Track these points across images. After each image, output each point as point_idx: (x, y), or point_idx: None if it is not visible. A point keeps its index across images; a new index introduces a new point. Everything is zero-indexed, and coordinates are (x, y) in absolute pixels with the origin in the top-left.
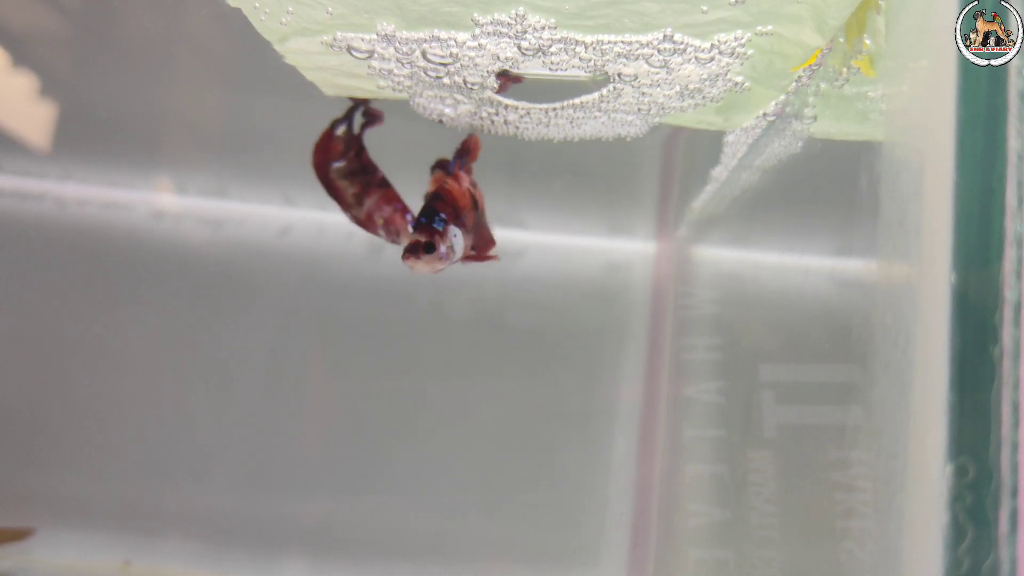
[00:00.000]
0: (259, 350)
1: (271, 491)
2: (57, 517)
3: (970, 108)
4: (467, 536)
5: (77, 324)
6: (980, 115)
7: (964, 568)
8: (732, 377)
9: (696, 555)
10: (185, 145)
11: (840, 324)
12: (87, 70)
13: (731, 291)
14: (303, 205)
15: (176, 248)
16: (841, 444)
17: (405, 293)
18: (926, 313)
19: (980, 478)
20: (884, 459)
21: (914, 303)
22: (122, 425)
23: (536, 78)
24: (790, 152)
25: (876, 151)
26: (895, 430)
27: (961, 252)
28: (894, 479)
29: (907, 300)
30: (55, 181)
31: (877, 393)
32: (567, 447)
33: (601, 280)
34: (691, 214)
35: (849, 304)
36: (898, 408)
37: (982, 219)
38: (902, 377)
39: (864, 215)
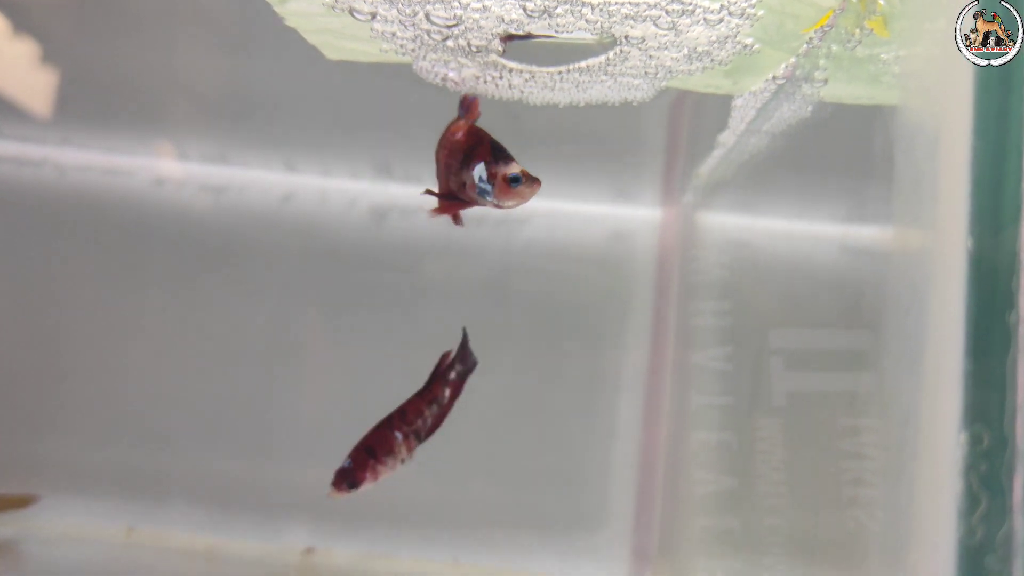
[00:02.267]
0: (261, 316)
1: (274, 457)
2: (61, 484)
3: (987, 69)
4: (470, 503)
5: (78, 290)
6: (997, 76)
7: (978, 537)
8: (740, 343)
9: (702, 523)
10: (186, 110)
11: (852, 290)
12: (88, 36)
13: (739, 257)
14: (305, 171)
15: (177, 214)
16: (851, 412)
17: (408, 260)
18: (941, 279)
19: (995, 446)
20: (896, 427)
21: (929, 269)
22: (125, 392)
23: (541, 41)
24: (799, 116)
25: (890, 114)
26: (908, 398)
27: (978, 217)
28: (906, 447)
29: (921, 266)
30: (55, 147)
31: (889, 361)
32: (571, 414)
33: (606, 247)
34: (697, 180)
35: (861, 270)
36: (911, 375)
37: (999, 183)
38: (915, 344)
39: (877, 180)
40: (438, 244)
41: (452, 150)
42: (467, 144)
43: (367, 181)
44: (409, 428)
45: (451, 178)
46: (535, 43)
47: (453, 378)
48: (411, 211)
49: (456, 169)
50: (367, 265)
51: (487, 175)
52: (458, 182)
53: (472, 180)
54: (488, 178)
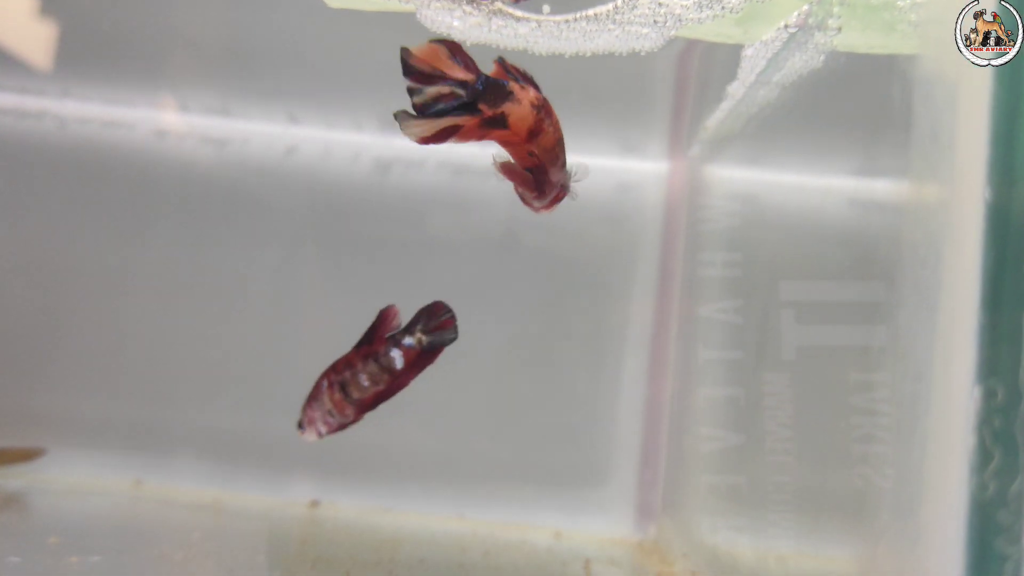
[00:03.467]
0: (265, 270)
1: (279, 411)
2: (67, 437)
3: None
4: (475, 457)
5: (80, 244)
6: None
7: (990, 492)
8: (749, 296)
9: (708, 479)
10: (187, 62)
11: (865, 243)
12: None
13: (748, 209)
14: (308, 123)
15: (179, 167)
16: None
17: (413, 214)
18: (958, 231)
19: (1010, 401)
20: (909, 382)
21: (946, 221)
22: (130, 345)
23: None
24: (812, 67)
25: (906, 64)
26: (921, 352)
27: (996, 168)
28: (919, 402)
29: (938, 218)
30: (55, 99)
31: (904, 314)
32: (576, 368)
33: (612, 200)
34: (705, 132)
35: (875, 222)
36: (926, 329)
37: (1018, 134)
38: (931, 297)
39: (892, 131)
40: (443, 197)
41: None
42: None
43: (371, 134)
44: (336, 377)
45: (552, 168)
46: None
47: (412, 346)
48: (415, 164)
49: (562, 163)
50: (371, 218)
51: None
52: (555, 175)
53: (566, 182)
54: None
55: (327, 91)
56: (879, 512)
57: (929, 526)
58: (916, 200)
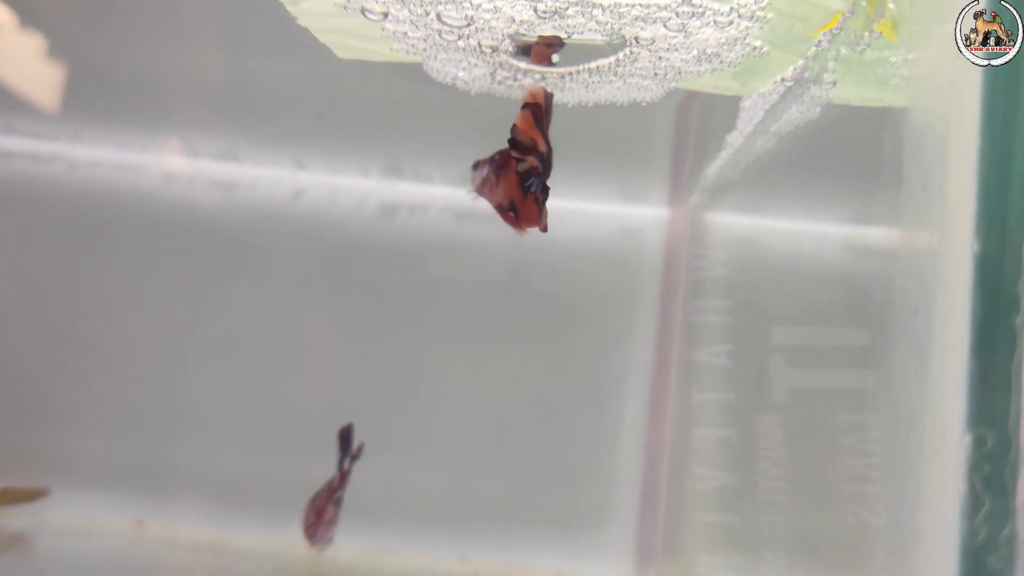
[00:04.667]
0: (271, 313)
1: (282, 453)
2: (71, 477)
3: (995, 73)
4: (476, 498)
5: (89, 285)
6: (1005, 80)
7: (981, 538)
8: (742, 341)
9: (704, 518)
10: (196, 108)
11: (858, 290)
12: (96, 30)
13: (744, 256)
14: (315, 169)
15: (187, 211)
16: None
17: (417, 257)
18: (948, 281)
19: (999, 447)
20: (903, 427)
21: (936, 270)
22: (134, 386)
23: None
24: (808, 118)
25: (899, 117)
26: (914, 398)
27: (984, 219)
28: (912, 448)
29: (929, 267)
30: (66, 143)
31: (897, 361)
32: (577, 410)
33: (613, 245)
34: (705, 180)
35: (867, 270)
36: (918, 376)
37: (1006, 187)
38: (922, 345)
39: (885, 181)
40: (447, 241)
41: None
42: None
43: (376, 179)
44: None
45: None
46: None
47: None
48: (420, 208)
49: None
50: (376, 261)
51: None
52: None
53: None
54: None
55: (334, 137)
56: (873, 553)
57: (922, 570)
58: (907, 249)
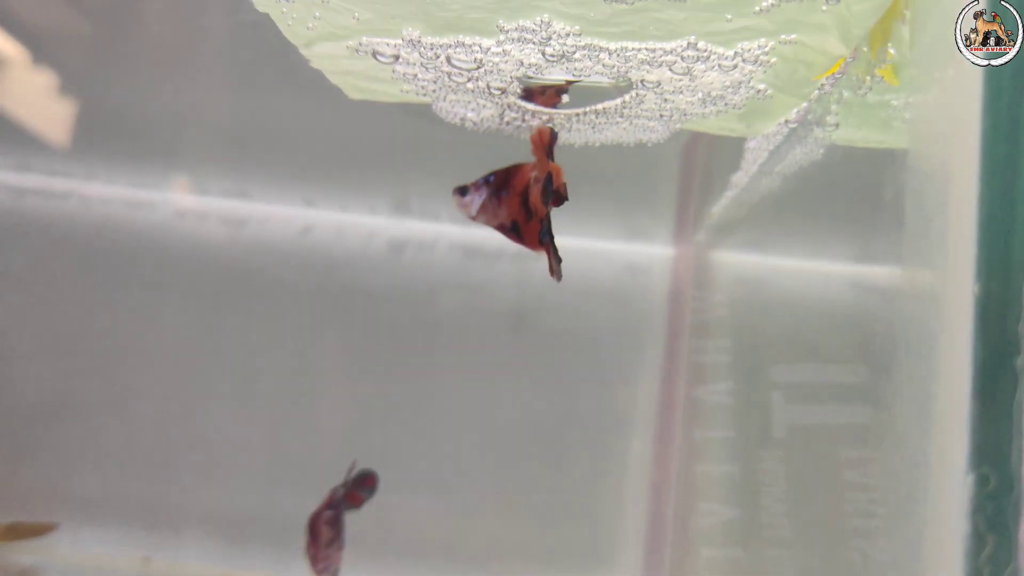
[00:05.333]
0: (279, 349)
1: (290, 490)
2: (79, 513)
3: (995, 118)
4: (483, 537)
5: (100, 321)
6: (1005, 125)
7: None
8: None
9: (708, 554)
10: (207, 146)
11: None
12: (109, 68)
13: (748, 294)
14: (323, 207)
15: (198, 247)
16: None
17: (424, 294)
18: (949, 323)
19: (1001, 488)
20: (905, 468)
21: (938, 313)
22: (143, 422)
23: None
24: (811, 159)
25: (900, 159)
26: (917, 439)
27: (984, 263)
28: (916, 488)
29: (931, 310)
30: (80, 180)
31: (899, 401)
32: (583, 449)
33: (620, 284)
34: (710, 219)
35: (870, 310)
36: (920, 416)
37: (1006, 229)
38: (924, 385)
39: (887, 222)
40: (454, 278)
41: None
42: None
43: (385, 216)
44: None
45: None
46: (551, 85)
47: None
48: (427, 246)
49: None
50: (383, 299)
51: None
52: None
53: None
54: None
55: (343, 176)
56: None
57: None
58: (909, 290)
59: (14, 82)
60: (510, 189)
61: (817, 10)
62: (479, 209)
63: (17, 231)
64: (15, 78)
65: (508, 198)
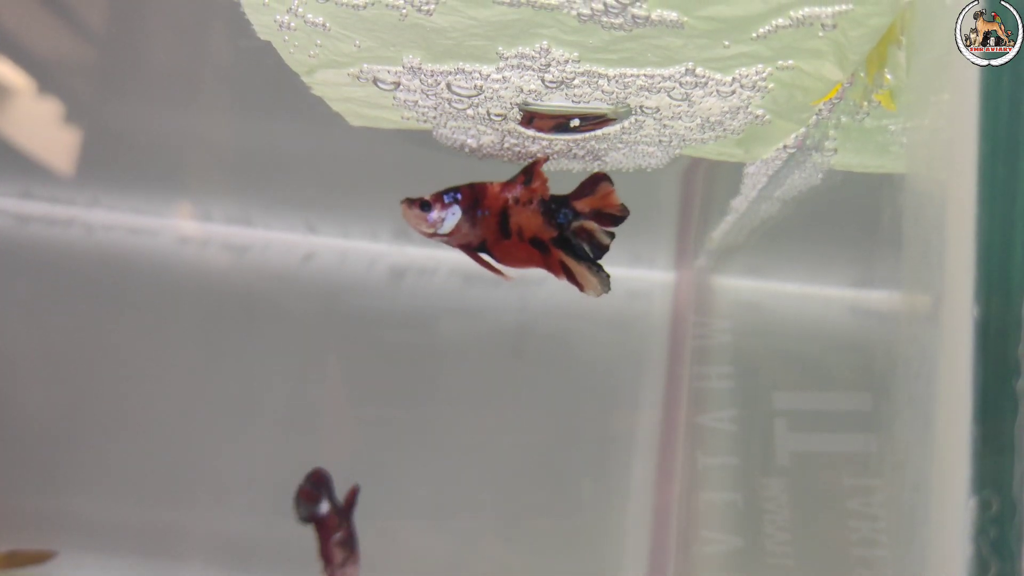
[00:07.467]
0: (281, 375)
1: (291, 516)
2: (79, 540)
3: (991, 141)
4: (485, 563)
5: (103, 347)
6: (1001, 148)
7: None
8: (748, 405)
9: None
10: (210, 172)
11: (861, 354)
12: (112, 97)
13: (749, 320)
14: (325, 233)
15: (201, 273)
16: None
17: (426, 320)
18: (949, 346)
19: (1004, 511)
20: (908, 492)
21: (937, 336)
22: (144, 449)
23: (559, 111)
24: (810, 183)
25: (898, 183)
26: (919, 463)
27: (983, 285)
28: (918, 512)
29: (930, 333)
30: (84, 207)
31: (900, 425)
32: (585, 474)
33: (620, 309)
34: (710, 244)
35: (870, 334)
36: (922, 441)
37: (1004, 252)
38: (926, 410)
39: (886, 246)
40: (455, 304)
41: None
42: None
43: (386, 242)
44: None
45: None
46: (552, 112)
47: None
48: (428, 271)
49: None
50: (385, 324)
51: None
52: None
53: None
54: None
55: (345, 202)
56: None
57: None
58: (909, 314)
59: (19, 110)
60: (487, 209)
61: (814, 36)
62: (453, 228)
63: (21, 258)
64: (20, 106)
65: (486, 219)
